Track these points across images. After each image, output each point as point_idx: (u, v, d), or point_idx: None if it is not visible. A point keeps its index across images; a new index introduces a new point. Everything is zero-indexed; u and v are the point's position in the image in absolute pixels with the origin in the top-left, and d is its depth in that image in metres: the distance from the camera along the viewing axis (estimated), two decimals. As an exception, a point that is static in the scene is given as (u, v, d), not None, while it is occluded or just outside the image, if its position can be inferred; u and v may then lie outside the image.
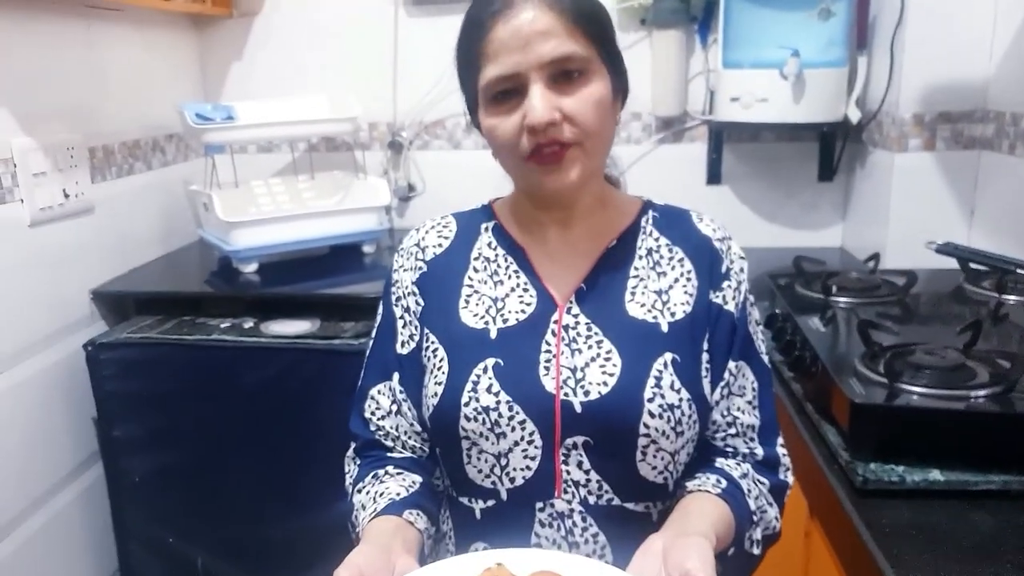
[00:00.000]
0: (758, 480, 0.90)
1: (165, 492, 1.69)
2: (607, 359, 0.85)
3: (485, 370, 0.85)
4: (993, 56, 1.60)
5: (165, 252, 2.04)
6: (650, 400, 0.82)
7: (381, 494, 0.88)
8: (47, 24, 1.62)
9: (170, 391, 1.64)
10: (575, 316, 0.88)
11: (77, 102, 1.72)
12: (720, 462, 0.90)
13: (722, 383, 0.89)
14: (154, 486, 1.68)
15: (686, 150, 2.05)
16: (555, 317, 0.88)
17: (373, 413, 0.94)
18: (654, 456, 0.83)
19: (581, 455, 0.83)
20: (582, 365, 0.85)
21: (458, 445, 0.86)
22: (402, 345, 0.93)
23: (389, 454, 0.94)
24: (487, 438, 0.84)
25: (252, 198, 2.05)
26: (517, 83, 0.81)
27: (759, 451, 0.91)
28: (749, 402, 0.90)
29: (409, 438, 0.93)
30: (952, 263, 1.46)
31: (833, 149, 1.93)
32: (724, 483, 0.86)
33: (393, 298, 0.95)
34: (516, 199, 0.95)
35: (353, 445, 0.97)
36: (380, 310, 0.97)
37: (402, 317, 0.94)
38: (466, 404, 0.84)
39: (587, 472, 0.84)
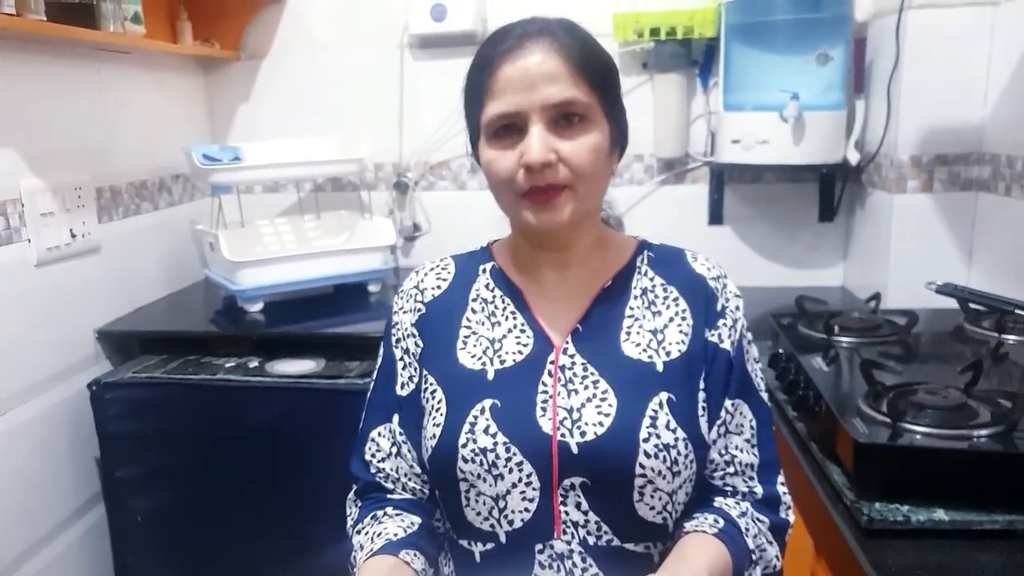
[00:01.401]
0: (757, 519, 0.89)
1: (168, 533, 1.68)
2: (603, 399, 0.85)
3: (482, 411, 0.86)
4: (988, 99, 1.63)
5: (171, 291, 2.05)
6: (645, 440, 0.82)
7: (379, 534, 0.88)
8: (58, 67, 1.66)
9: (174, 431, 1.64)
10: (571, 356, 0.89)
11: (86, 143, 1.75)
12: (719, 501, 0.90)
13: (719, 421, 0.89)
14: (156, 527, 1.67)
15: (688, 191, 2.08)
16: (552, 358, 0.89)
17: (373, 455, 0.94)
18: (652, 496, 0.83)
19: (579, 496, 0.84)
20: (578, 406, 0.85)
21: (456, 487, 0.86)
22: (402, 387, 0.94)
23: (389, 495, 0.94)
24: (485, 480, 0.84)
25: (258, 238, 2.07)
26: (518, 121, 0.83)
27: (759, 489, 0.90)
28: (747, 440, 0.90)
29: (409, 480, 0.94)
30: (952, 303, 1.47)
31: (833, 190, 1.95)
32: (721, 522, 0.85)
33: (393, 340, 0.96)
34: (514, 240, 0.96)
35: (354, 487, 0.97)
36: (381, 352, 0.98)
37: (402, 359, 0.95)
38: (463, 445, 0.84)
39: (585, 513, 0.84)
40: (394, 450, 0.93)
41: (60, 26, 1.49)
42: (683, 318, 0.91)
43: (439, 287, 0.96)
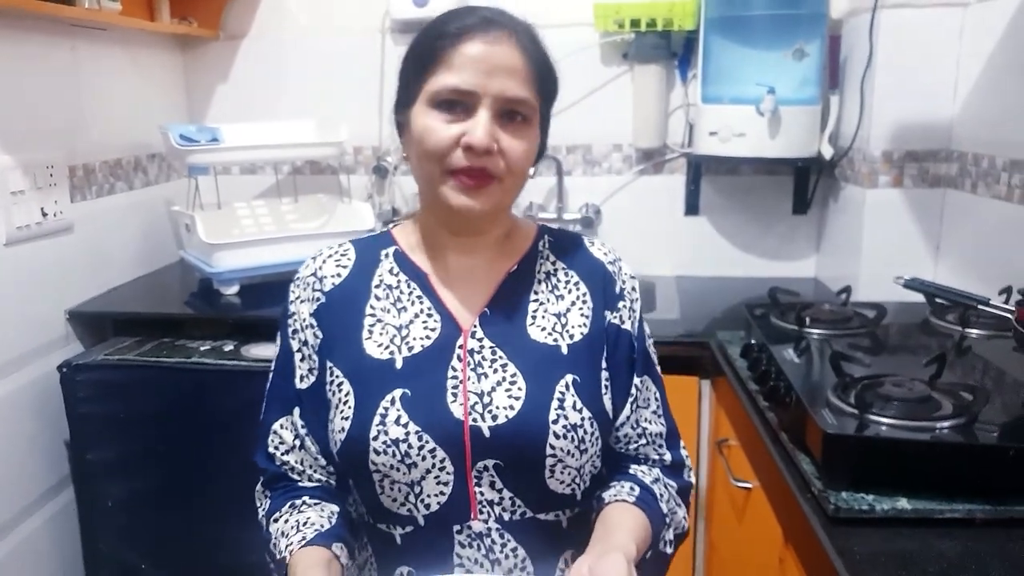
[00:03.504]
0: (668, 483, 0.96)
1: (139, 517, 1.66)
2: (512, 383, 0.87)
3: (393, 402, 0.85)
4: (957, 99, 1.66)
5: (145, 273, 2.03)
6: (554, 422, 0.85)
7: (304, 523, 0.89)
8: (31, 43, 1.63)
9: (147, 414, 1.63)
10: (479, 340, 0.90)
11: (59, 121, 1.72)
12: (633, 468, 0.96)
13: (631, 399, 0.94)
14: (127, 511, 1.66)
15: (665, 181, 2.10)
16: (460, 342, 0.89)
17: (277, 448, 0.94)
18: (562, 472, 0.87)
19: (493, 476, 0.86)
20: (488, 390, 0.87)
21: (369, 478, 0.86)
22: (301, 379, 0.93)
23: (301, 484, 0.94)
24: (398, 469, 0.84)
25: (235, 220, 2.05)
26: (466, 100, 0.84)
27: (667, 456, 0.98)
28: (654, 412, 0.97)
29: (315, 471, 0.94)
30: (920, 296, 1.51)
31: (807, 183, 1.98)
32: (638, 490, 0.91)
33: (290, 331, 0.94)
34: (422, 221, 0.96)
35: (261, 479, 0.97)
36: (277, 342, 0.96)
37: (300, 351, 0.93)
38: (375, 438, 0.84)
39: (499, 491, 0.86)
40: (297, 443, 0.93)
41: (34, 1, 1.46)
42: (584, 301, 0.94)
43: (339, 275, 0.94)
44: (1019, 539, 0.82)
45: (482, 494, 0.86)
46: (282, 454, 0.94)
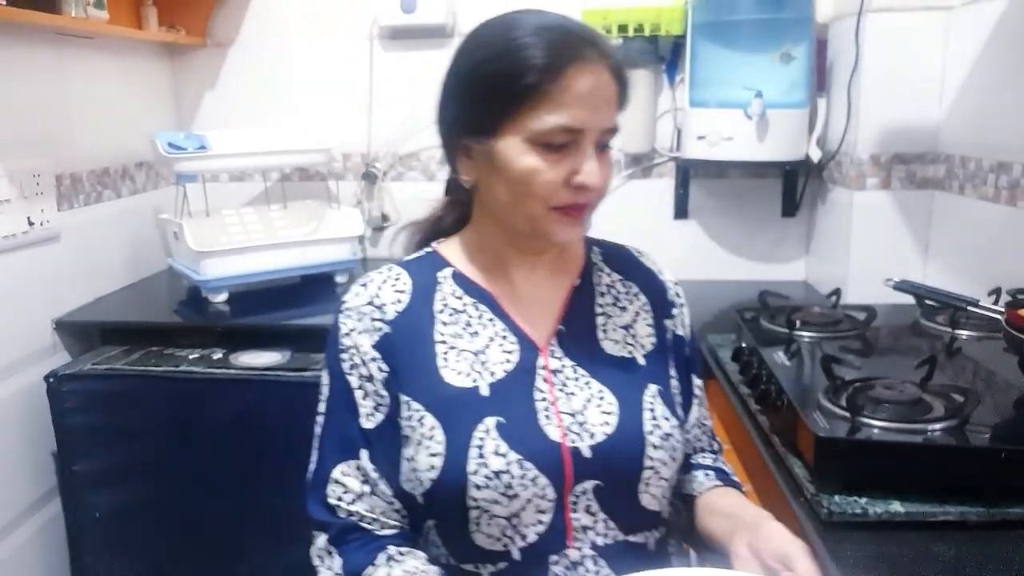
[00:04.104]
0: (721, 461, 1.03)
1: (127, 529, 1.65)
2: (601, 398, 0.85)
3: (488, 431, 0.80)
4: (943, 101, 1.67)
5: (133, 281, 2.02)
6: (650, 433, 0.85)
7: (421, 574, 0.82)
8: (16, 51, 1.61)
9: (135, 424, 1.61)
10: (559, 359, 0.87)
11: (45, 129, 1.71)
12: (696, 458, 0.99)
13: (696, 400, 0.98)
14: (116, 523, 1.64)
15: (654, 185, 2.10)
16: (541, 362, 0.86)
17: (340, 498, 0.86)
18: (656, 486, 0.86)
19: (590, 499, 0.83)
20: (580, 408, 0.84)
21: (463, 515, 0.81)
22: (366, 418, 0.85)
23: (379, 533, 0.86)
24: (499, 503, 0.80)
25: (223, 227, 2.04)
26: (572, 137, 0.79)
27: (716, 444, 1.04)
28: (705, 408, 1.02)
29: (388, 517, 0.86)
30: (910, 298, 1.51)
31: (796, 186, 1.99)
32: (713, 474, 0.96)
33: (346, 366, 0.86)
34: (482, 240, 0.91)
35: (324, 536, 0.87)
36: (327, 381, 0.88)
37: (361, 387, 0.86)
38: (474, 473, 0.79)
39: (594, 515, 0.83)
40: (367, 489, 0.85)
41: (19, 10, 1.45)
42: (647, 311, 0.94)
43: (399, 300, 0.87)
44: (1012, 541, 0.82)
45: (578, 520, 0.83)
46: (348, 504, 0.85)
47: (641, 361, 0.90)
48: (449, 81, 0.87)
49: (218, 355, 1.66)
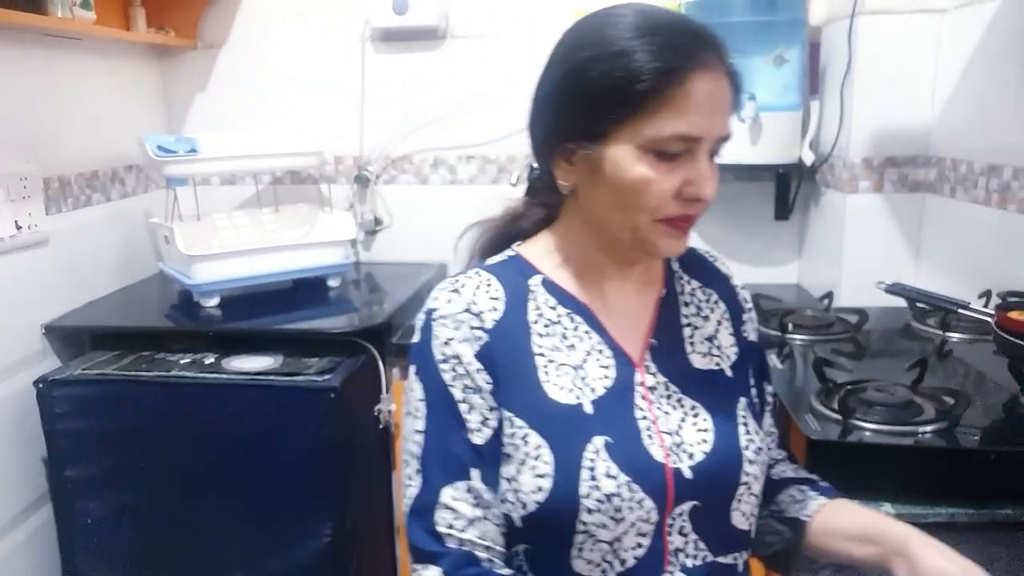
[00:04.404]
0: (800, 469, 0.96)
1: (119, 535, 1.63)
2: (695, 415, 0.82)
3: (597, 452, 0.76)
4: (935, 104, 1.68)
5: (123, 285, 2.00)
6: (745, 448, 0.82)
7: None
8: (2, 52, 1.60)
9: (126, 429, 1.60)
10: (654, 375, 0.83)
11: (32, 132, 1.69)
12: (775, 472, 0.93)
13: (769, 407, 0.93)
14: (108, 529, 1.63)
15: (647, 188, 2.09)
16: (638, 379, 0.82)
17: (451, 525, 0.77)
18: (747, 502, 0.82)
19: (684, 520, 0.79)
20: (675, 427, 0.81)
21: (568, 539, 0.76)
22: (475, 434, 0.78)
23: (494, 567, 0.78)
24: (606, 526, 0.76)
25: (215, 231, 2.03)
26: (689, 147, 0.74)
27: (781, 451, 0.97)
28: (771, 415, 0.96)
29: (496, 545, 0.78)
30: (901, 301, 1.52)
31: (789, 189, 1.99)
32: (807, 487, 0.90)
33: (448, 377, 0.79)
34: (572, 247, 0.85)
35: (436, 569, 0.77)
36: (421, 396, 0.80)
37: (466, 400, 0.78)
38: (586, 496, 0.75)
39: (686, 535, 0.80)
40: (478, 513, 0.77)
41: (4, 11, 1.44)
42: (727, 319, 0.90)
43: (495, 308, 0.81)
44: (1001, 542, 0.83)
45: (672, 542, 0.79)
46: (460, 530, 0.76)
47: (729, 373, 0.86)
48: (548, 82, 0.81)
49: (210, 360, 1.65)
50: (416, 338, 0.82)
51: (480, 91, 2.05)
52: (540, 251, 0.86)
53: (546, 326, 0.81)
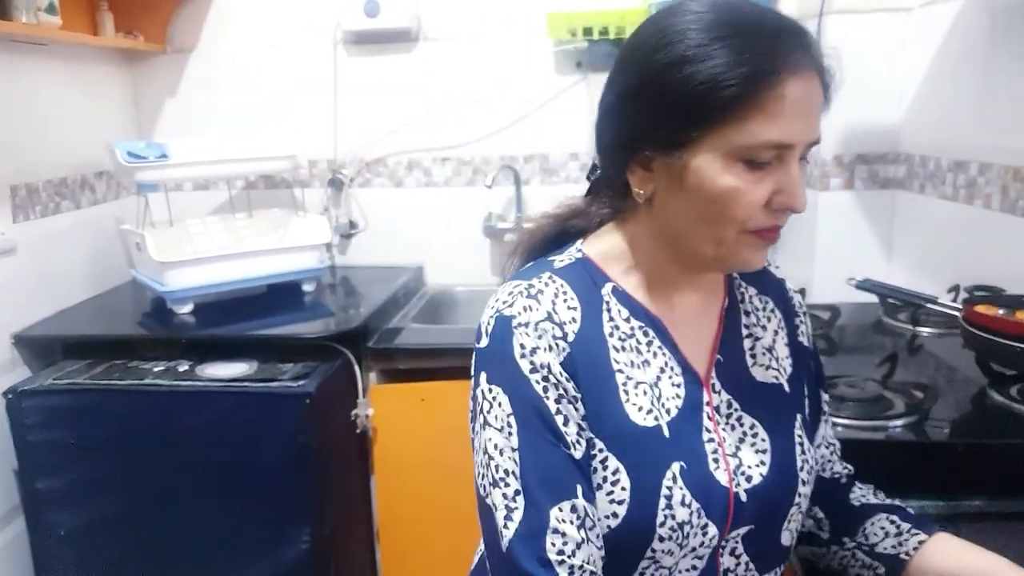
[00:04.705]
0: (878, 492, 0.90)
1: (93, 547, 1.61)
2: (755, 435, 0.78)
3: (674, 479, 0.72)
4: (902, 102, 1.70)
5: (95, 294, 1.98)
6: (800, 469, 0.78)
7: None
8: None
9: (99, 439, 1.58)
10: (718, 393, 0.79)
11: (-1, 139, 1.67)
12: (856, 498, 0.88)
13: (824, 416, 0.88)
14: (81, 541, 1.61)
15: (621, 188, 2.10)
16: (706, 398, 0.78)
17: (562, 551, 0.68)
18: (795, 521, 0.79)
19: (737, 542, 0.76)
20: (734, 449, 0.77)
21: (634, 565, 0.73)
22: (574, 447, 0.72)
23: None
24: (672, 553, 0.73)
25: (188, 237, 2.01)
26: (779, 154, 0.69)
27: (847, 467, 0.91)
28: (832, 424, 0.91)
29: (597, 570, 0.71)
30: (873, 296, 1.54)
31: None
32: (897, 518, 0.84)
33: (540, 388, 0.71)
34: (641, 254, 0.79)
35: None
36: (509, 410, 0.72)
37: (560, 412, 0.72)
38: (661, 524, 0.71)
39: (738, 557, 0.77)
40: (582, 535, 0.69)
41: (-34, 17, 1.42)
42: (783, 328, 0.85)
43: (574, 319, 0.75)
44: (971, 534, 0.83)
45: (723, 563, 0.76)
46: (570, 555, 0.69)
47: (787, 388, 0.82)
48: (620, 84, 0.75)
49: (184, 367, 1.64)
50: (485, 343, 0.74)
51: (454, 93, 2.05)
52: (605, 252, 0.80)
53: (621, 340, 0.76)
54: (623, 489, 0.71)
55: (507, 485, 0.71)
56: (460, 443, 0.84)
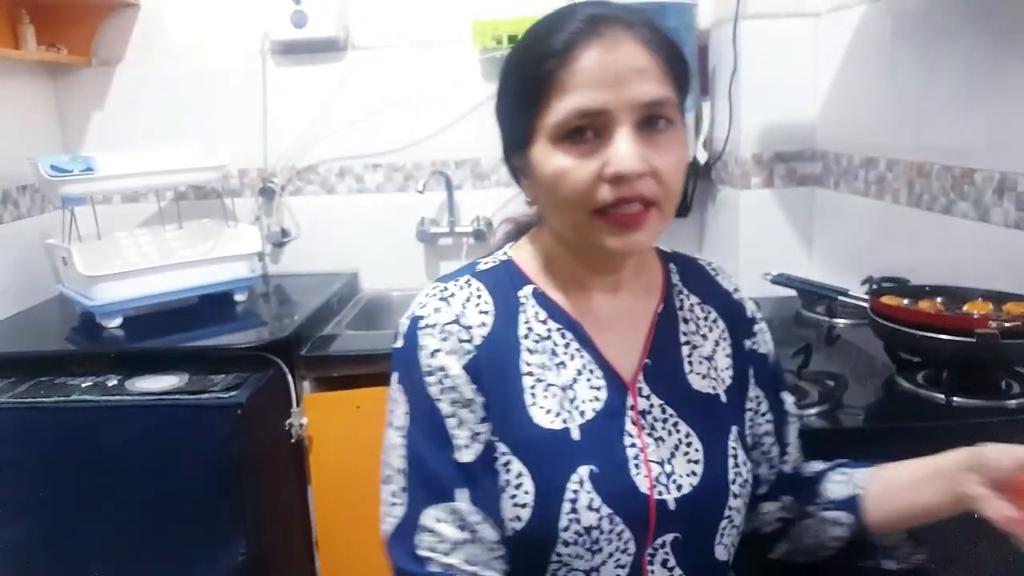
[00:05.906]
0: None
1: (21, 568, 1.57)
2: (688, 444, 0.77)
3: (581, 483, 0.72)
4: (816, 102, 1.77)
5: (20, 310, 1.93)
6: (732, 481, 0.78)
7: None
8: None
9: (25, 459, 1.53)
10: (647, 398, 0.78)
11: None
12: (808, 470, 0.89)
13: (791, 420, 0.88)
14: (9, 564, 1.56)
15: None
16: (629, 402, 0.77)
17: (433, 549, 0.72)
18: (729, 535, 0.79)
19: (667, 552, 0.76)
20: (667, 456, 0.76)
21: (542, 567, 0.73)
22: (462, 451, 0.73)
23: None
24: (582, 558, 0.72)
25: (116, 250, 1.98)
26: (598, 123, 0.69)
27: (816, 465, 0.91)
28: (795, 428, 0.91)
29: (488, 570, 0.73)
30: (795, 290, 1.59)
31: (686, 187, 2.06)
32: (840, 467, 0.86)
33: (434, 390, 0.73)
34: (557, 257, 0.80)
35: None
36: (404, 408, 0.75)
37: (454, 415, 0.73)
38: (565, 529, 0.71)
39: (671, 569, 0.76)
40: (465, 536, 0.72)
41: None
42: (724, 339, 0.84)
43: (484, 323, 0.75)
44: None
45: (652, 572, 0.75)
46: (443, 553, 0.71)
47: (723, 399, 0.81)
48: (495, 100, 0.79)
49: (113, 382, 1.61)
50: (399, 343, 0.76)
51: (384, 100, 2.06)
52: (529, 256, 0.82)
53: (536, 342, 0.76)
54: (526, 492, 0.72)
55: (393, 481, 0.74)
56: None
